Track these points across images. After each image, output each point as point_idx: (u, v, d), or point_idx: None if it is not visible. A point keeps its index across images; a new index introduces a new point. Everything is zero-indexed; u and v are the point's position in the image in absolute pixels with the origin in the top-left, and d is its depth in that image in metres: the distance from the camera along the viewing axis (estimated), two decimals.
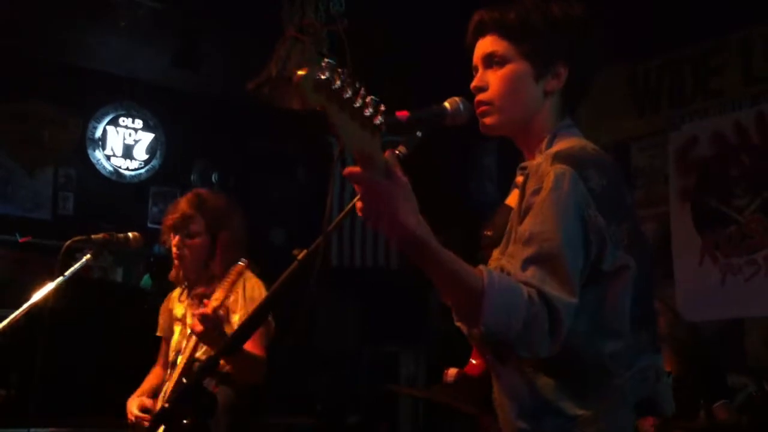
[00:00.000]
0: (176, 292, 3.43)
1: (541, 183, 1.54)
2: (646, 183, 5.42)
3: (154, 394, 3.22)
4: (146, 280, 6.01)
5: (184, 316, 3.28)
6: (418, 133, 1.62)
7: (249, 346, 2.90)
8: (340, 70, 1.26)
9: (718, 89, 5.14)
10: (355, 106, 1.28)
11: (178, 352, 3.20)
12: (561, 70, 1.71)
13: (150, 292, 5.81)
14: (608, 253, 1.52)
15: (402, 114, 1.59)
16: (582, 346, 1.52)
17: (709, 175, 5.15)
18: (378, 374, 6.67)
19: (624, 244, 1.55)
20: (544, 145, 1.69)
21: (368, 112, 1.31)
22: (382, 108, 1.34)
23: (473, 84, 1.75)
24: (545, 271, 1.45)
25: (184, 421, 2.89)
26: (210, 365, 1.62)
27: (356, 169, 1.35)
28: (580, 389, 1.54)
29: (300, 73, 1.22)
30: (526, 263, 1.47)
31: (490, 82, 1.72)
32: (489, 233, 1.74)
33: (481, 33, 1.76)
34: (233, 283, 2.92)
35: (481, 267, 1.46)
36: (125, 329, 4.16)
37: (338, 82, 1.25)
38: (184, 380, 2.80)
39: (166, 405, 1.58)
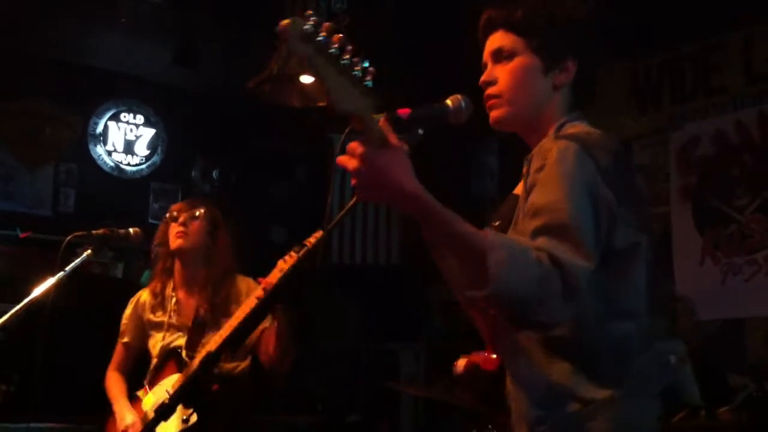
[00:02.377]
0: (145, 297, 3.43)
1: (545, 160, 1.52)
2: (648, 181, 5.42)
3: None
4: (147, 276, 6.00)
5: (169, 320, 3.31)
6: (420, 131, 1.62)
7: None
8: (327, 24, 1.22)
9: (719, 87, 5.13)
10: (342, 62, 1.24)
11: (174, 347, 3.22)
12: (569, 65, 1.71)
13: None
14: (619, 230, 1.49)
15: (404, 112, 1.58)
16: (596, 327, 1.50)
17: (711, 174, 5.14)
18: (378, 372, 6.66)
19: (637, 223, 1.52)
20: (551, 133, 1.68)
21: (358, 70, 1.27)
22: (372, 70, 1.31)
23: (482, 79, 1.75)
24: (556, 239, 1.41)
25: (183, 417, 2.90)
26: (211, 361, 1.62)
27: (352, 145, 1.35)
28: (597, 372, 1.50)
29: (284, 22, 1.18)
30: (536, 233, 1.44)
31: (499, 76, 1.72)
32: (496, 224, 1.72)
33: (490, 30, 1.76)
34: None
35: (488, 229, 1.44)
36: None
37: (324, 35, 1.21)
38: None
39: (166, 401, 1.58)
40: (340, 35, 1.24)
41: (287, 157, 7.32)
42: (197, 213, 3.33)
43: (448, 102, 1.68)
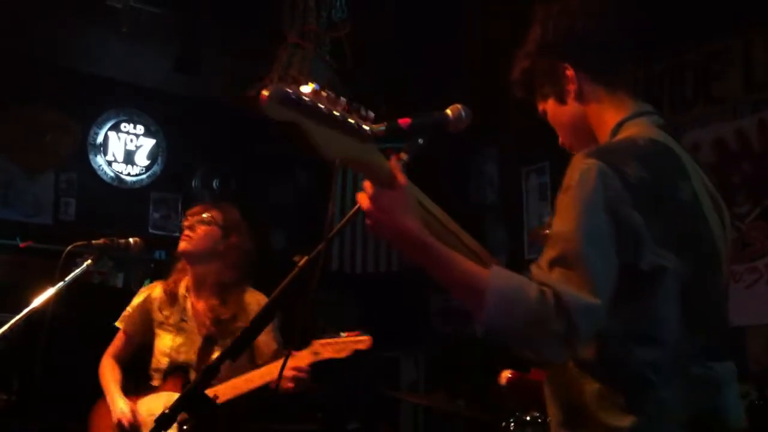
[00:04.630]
0: (157, 293, 3.42)
1: (570, 180, 1.49)
2: None
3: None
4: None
5: (180, 322, 3.29)
6: (420, 140, 1.63)
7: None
8: (313, 83, 1.27)
9: (720, 95, 5.14)
10: (334, 115, 1.28)
11: (183, 363, 3.21)
12: (566, 73, 1.71)
13: None
14: (645, 253, 1.43)
15: (404, 121, 1.59)
16: (619, 353, 1.47)
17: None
18: (378, 379, 6.65)
19: (669, 242, 1.46)
20: (608, 137, 1.69)
21: (353, 120, 1.31)
22: (368, 113, 1.35)
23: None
24: (567, 273, 1.39)
25: (185, 427, 2.89)
26: (211, 372, 1.62)
27: (365, 184, 1.42)
28: (621, 399, 1.46)
29: (264, 92, 1.22)
30: (551, 265, 1.42)
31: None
32: (546, 232, 1.72)
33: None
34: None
35: (493, 266, 1.45)
36: None
37: (310, 94, 1.25)
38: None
39: (167, 411, 1.58)
40: (326, 93, 1.28)
41: (288, 163, 7.32)
42: (205, 216, 3.33)
43: (448, 111, 1.69)
